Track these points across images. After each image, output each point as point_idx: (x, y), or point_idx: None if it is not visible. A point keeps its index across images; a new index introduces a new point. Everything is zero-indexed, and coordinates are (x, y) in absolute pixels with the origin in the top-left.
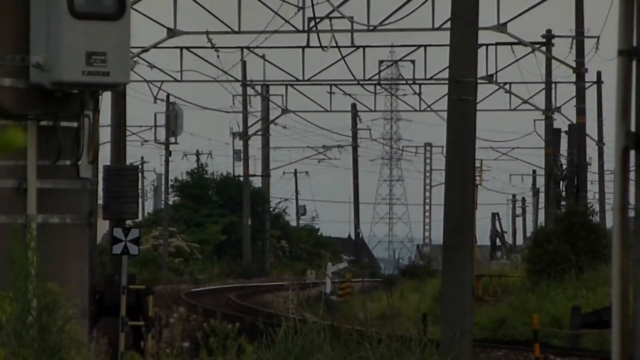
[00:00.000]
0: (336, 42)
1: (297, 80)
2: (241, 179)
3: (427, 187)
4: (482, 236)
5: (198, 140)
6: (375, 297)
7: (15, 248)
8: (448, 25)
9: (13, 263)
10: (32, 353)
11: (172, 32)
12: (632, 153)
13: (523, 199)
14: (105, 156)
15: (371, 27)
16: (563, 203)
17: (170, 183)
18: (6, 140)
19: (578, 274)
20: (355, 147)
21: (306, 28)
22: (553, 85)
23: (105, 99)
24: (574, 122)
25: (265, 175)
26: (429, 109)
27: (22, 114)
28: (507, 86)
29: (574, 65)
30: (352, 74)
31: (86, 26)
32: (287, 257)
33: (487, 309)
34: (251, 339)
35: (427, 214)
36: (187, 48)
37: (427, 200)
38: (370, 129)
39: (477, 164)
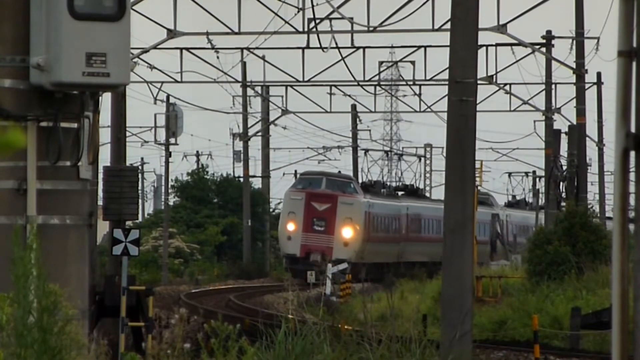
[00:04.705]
0: (336, 43)
1: (297, 81)
2: (241, 179)
3: (427, 188)
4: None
5: (198, 141)
6: (375, 298)
7: (16, 249)
8: (448, 26)
9: (14, 264)
10: (32, 354)
11: (172, 33)
12: (632, 154)
13: (523, 200)
14: (105, 157)
15: (371, 28)
16: (563, 204)
17: (170, 184)
18: (6, 141)
19: (578, 275)
20: (355, 148)
21: (306, 29)
22: (553, 86)
23: (105, 100)
24: (574, 123)
25: (266, 176)
26: (429, 109)
27: (22, 115)
28: (507, 87)
29: (574, 66)
30: (352, 74)
31: (86, 27)
32: None
33: (487, 310)
34: (251, 340)
35: None
36: (187, 49)
37: None
38: (370, 130)
39: (477, 165)
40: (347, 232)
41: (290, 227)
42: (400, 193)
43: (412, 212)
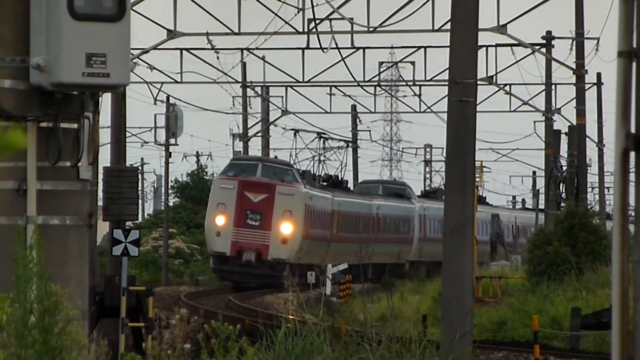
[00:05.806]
0: (336, 44)
1: (297, 81)
2: None
3: (427, 189)
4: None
5: (198, 141)
6: (376, 299)
7: (17, 249)
8: (448, 26)
9: (15, 264)
10: (33, 354)
11: (172, 34)
12: (632, 154)
13: (523, 200)
14: (105, 157)
15: (371, 29)
16: (563, 204)
17: (170, 184)
18: (6, 142)
19: (578, 276)
20: (355, 149)
21: (306, 29)
22: (553, 87)
23: (105, 101)
24: (574, 123)
25: None
26: (429, 110)
27: (22, 115)
28: (507, 87)
29: (574, 66)
30: (352, 75)
31: (86, 27)
32: None
33: (487, 310)
34: (251, 341)
35: None
36: (187, 49)
37: None
38: (370, 131)
39: (477, 165)
40: (286, 228)
41: (220, 220)
42: (323, 184)
43: (343, 208)
